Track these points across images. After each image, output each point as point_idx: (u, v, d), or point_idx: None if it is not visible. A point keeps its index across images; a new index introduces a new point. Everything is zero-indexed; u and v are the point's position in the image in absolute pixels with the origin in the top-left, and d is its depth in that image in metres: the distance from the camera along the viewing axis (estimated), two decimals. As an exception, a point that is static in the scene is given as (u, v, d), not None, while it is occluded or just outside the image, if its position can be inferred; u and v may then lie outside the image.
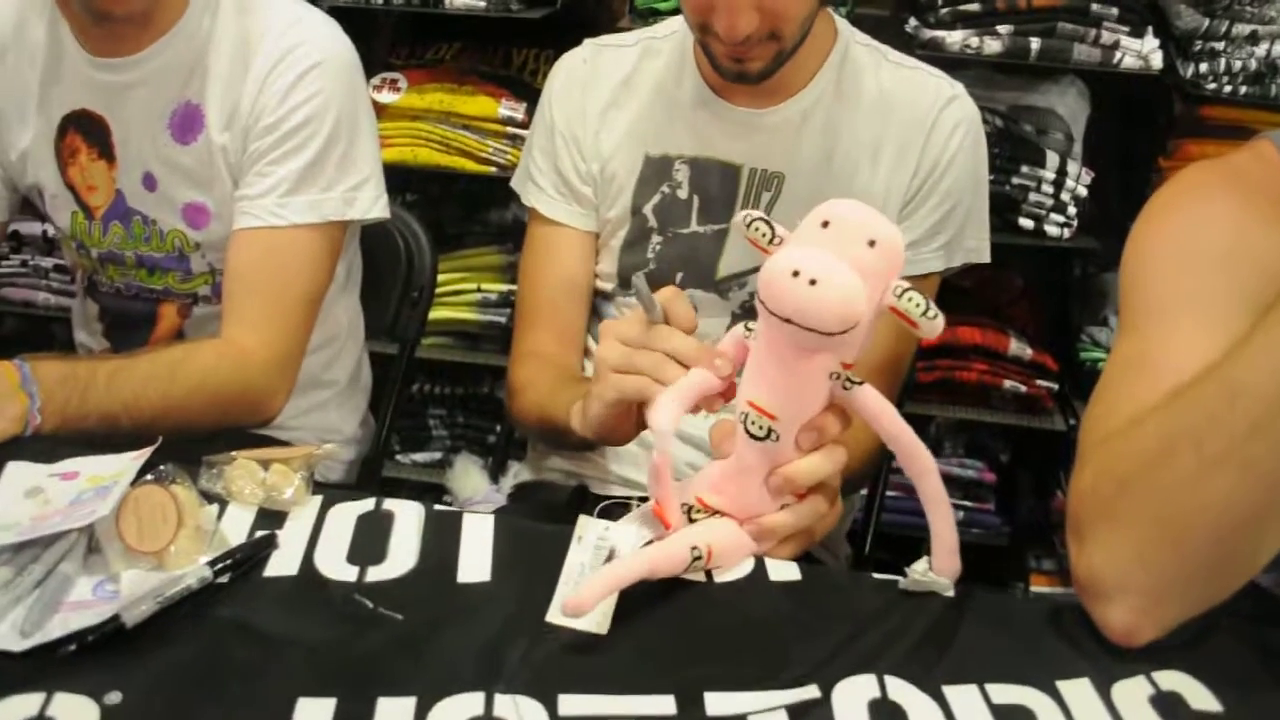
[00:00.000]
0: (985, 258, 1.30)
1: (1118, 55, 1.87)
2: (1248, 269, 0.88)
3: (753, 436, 0.84)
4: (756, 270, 1.17)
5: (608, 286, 1.32)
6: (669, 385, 0.90)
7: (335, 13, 1.35)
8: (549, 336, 1.31)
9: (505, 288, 2.20)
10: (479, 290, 2.22)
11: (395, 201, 1.41)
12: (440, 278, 1.78)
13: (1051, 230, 1.98)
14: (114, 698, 0.72)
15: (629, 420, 0.99)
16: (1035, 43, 1.87)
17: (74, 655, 0.76)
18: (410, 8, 2.05)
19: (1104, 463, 0.82)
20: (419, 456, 2.39)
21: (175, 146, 1.28)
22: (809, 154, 1.24)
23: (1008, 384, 2.08)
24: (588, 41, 1.34)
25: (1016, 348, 2.07)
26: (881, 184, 1.23)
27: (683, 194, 1.27)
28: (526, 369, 1.29)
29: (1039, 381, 2.09)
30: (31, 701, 0.71)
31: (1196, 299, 0.88)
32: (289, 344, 1.28)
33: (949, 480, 2.16)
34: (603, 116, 1.29)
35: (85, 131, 1.30)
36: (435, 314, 2.12)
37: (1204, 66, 1.87)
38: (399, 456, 2.38)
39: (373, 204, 1.32)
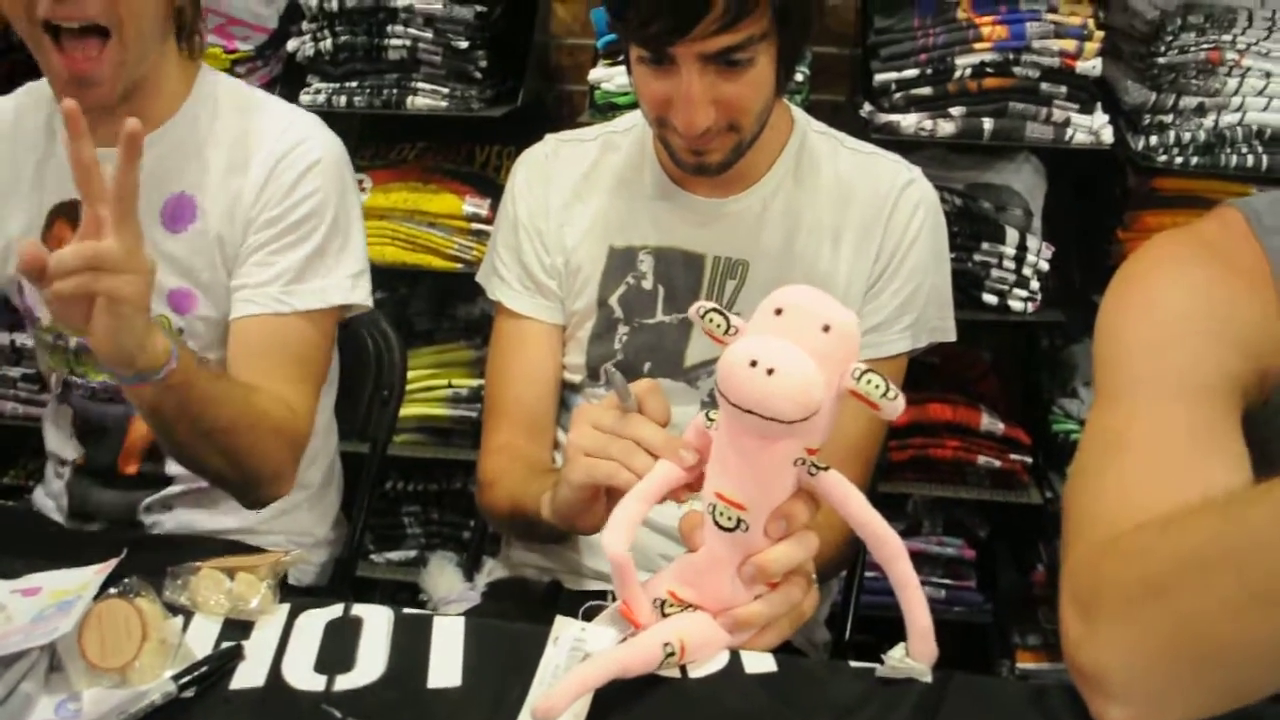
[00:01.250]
0: (951, 336, 1.32)
1: (1069, 132, 1.90)
2: (1223, 337, 0.89)
3: (722, 528, 0.84)
4: None
5: (576, 378, 1.32)
6: (638, 472, 0.90)
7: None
8: (518, 430, 1.31)
9: (475, 382, 2.19)
10: (449, 385, 2.21)
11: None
12: (410, 374, 1.78)
13: (1016, 305, 2.00)
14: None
15: (597, 507, 0.99)
16: (988, 123, 1.91)
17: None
18: (374, 110, 2.08)
19: (1128, 557, 0.79)
20: (393, 555, 2.36)
21: (165, 234, 1.28)
22: (771, 241, 1.25)
23: (982, 460, 2.08)
24: (549, 137, 1.36)
25: (988, 423, 2.07)
26: (845, 268, 1.25)
27: (648, 284, 1.28)
28: (497, 462, 1.29)
29: (1013, 456, 2.09)
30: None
31: (1173, 370, 0.88)
32: (302, 425, 1.27)
33: (929, 559, 2.20)
34: (566, 210, 1.31)
35: (74, 221, 1.28)
36: (406, 410, 2.11)
37: (1154, 139, 1.90)
38: (373, 556, 2.35)
39: (367, 293, 1.34)
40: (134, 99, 1.22)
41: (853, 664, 0.89)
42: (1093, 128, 1.90)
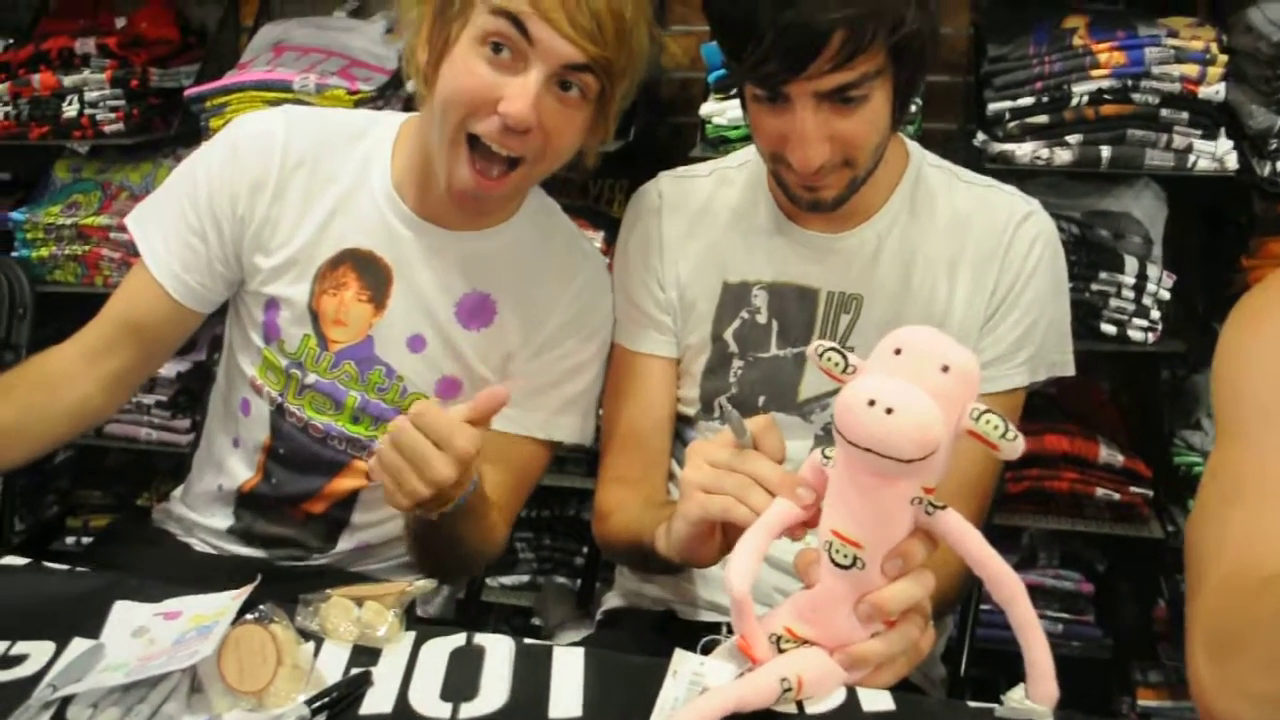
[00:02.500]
0: (1070, 370, 1.30)
1: (1191, 158, 1.86)
2: None
3: (838, 565, 0.84)
4: (839, 392, 1.19)
5: (690, 411, 1.34)
6: (754, 508, 0.91)
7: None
8: (635, 462, 1.33)
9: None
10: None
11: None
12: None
13: (1135, 335, 1.96)
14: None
15: (712, 541, 1.00)
16: (1106, 150, 1.88)
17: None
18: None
19: (1272, 607, 0.77)
20: (506, 580, 2.40)
21: (456, 326, 1.31)
22: (886, 276, 1.25)
23: (1100, 492, 2.03)
24: (662, 174, 1.38)
25: (1107, 454, 2.02)
26: (961, 302, 1.24)
27: (762, 319, 1.29)
28: (615, 493, 1.31)
29: (1132, 488, 2.03)
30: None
31: None
32: (509, 525, 1.34)
33: (1045, 592, 2.16)
34: (680, 246, 1.32)
35: (363, 270, 1.30)
36: None
37: (1280, 164, 1.85)
38: (487, 580, 2.39)
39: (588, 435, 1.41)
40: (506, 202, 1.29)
41: (971, 704, 0.88)
42: (1216, 154, 1.86)
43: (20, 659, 0.94)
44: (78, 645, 0.95)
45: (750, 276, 1.29)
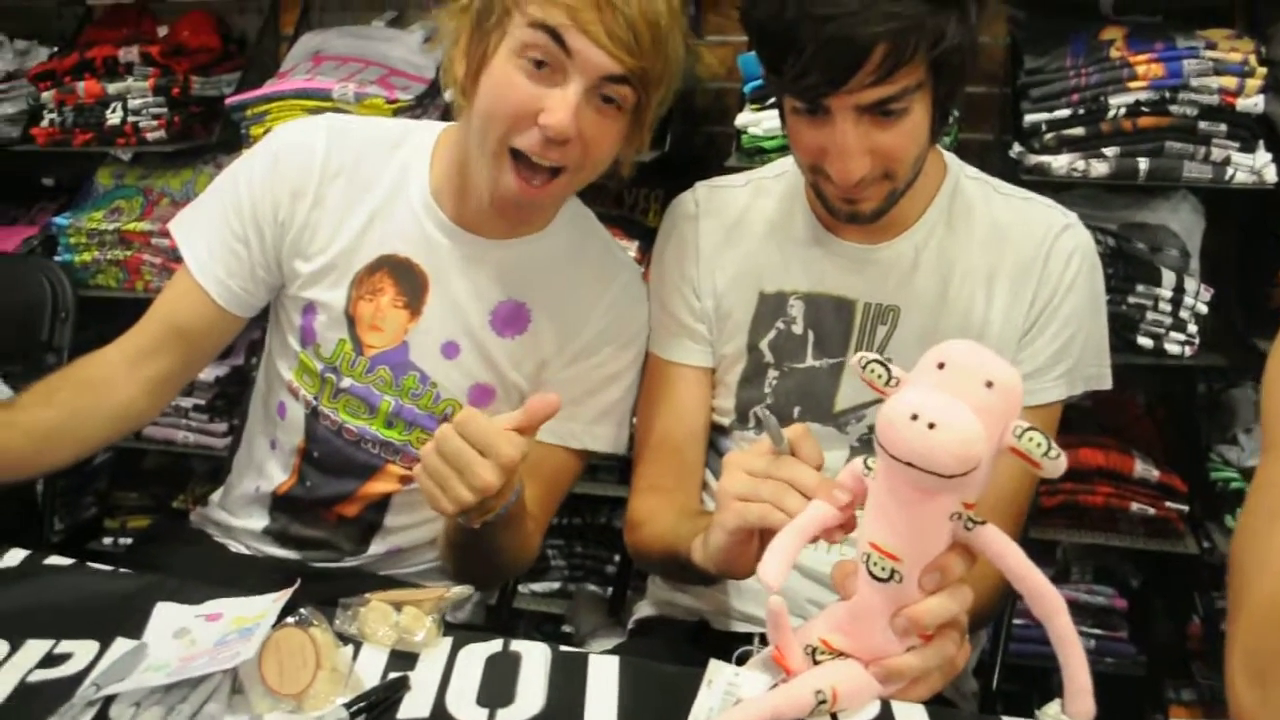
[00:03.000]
0: (1107, 384, 1.29)
1: (1229, 171, 1.85)
2: None
3: (876, 578, 0.84)
4: (874, 404, 1.21)
5: (725, 421, 1.34)
6: (791, 513, 0.91)
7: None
8: (668, 471, 1.33)
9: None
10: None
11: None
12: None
13: (1172, 349, 1.95)
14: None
15: (749, 551, 1.00)
16: (1144, 163, 1.87)
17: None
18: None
19: None
20: (537, 586, 2.41)
21: (490, 333, 1.32)
22: (924, 287, 1.26)
23: (1135, 507, 2.02)
24: (699, 184, 1.39)
25: (1142, 469, 2.01)
26: (999, 314, 1.24)
27: (798, 329, 1.29)
28: (648, 502, 1.31)
29: (1168, 504, 2.02)
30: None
31: None
32: (542, 531, 1.35)
33: (1078, 608, 2.14)
34: (716, 255, 1.33)
35: (399, 277, 1.31)
36: None
37: (1321, 177, 1.84)
38: (518, 587, 2.40)
39: (622, 445, 1.41)
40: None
41: (1005, 719, 0.88)
42: (1255, 166, 1.84)
43: (64, 658, 0.96)
44: (121, 645, 0.97)
45: (787, 287, 1.30)
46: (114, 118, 2.34)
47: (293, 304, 1.35)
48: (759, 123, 1.96)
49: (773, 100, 1.92)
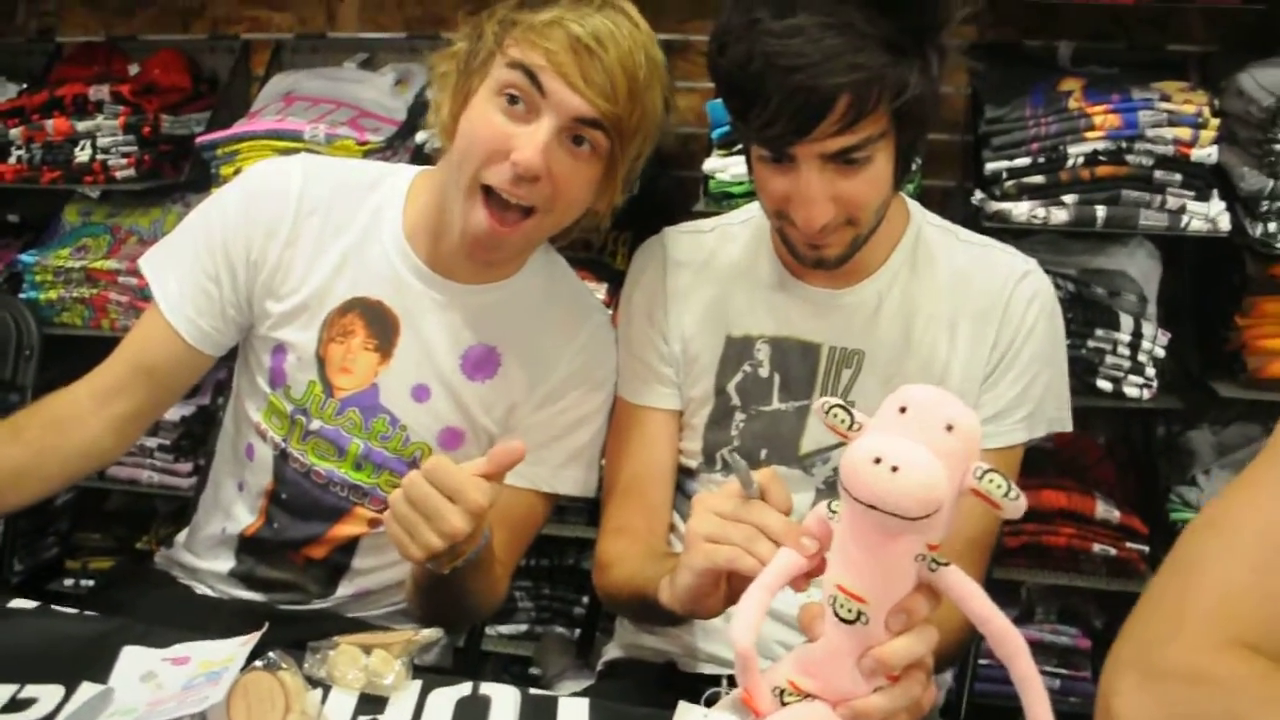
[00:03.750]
0: (1067, 427, 1.32)
1: (1185, 219, 1.89)
2: None
3: (842, 620, 0.85)
4: (839, 446, 1.22)
5: (692, 464, 1.35)
6: (761, 559, 0.92)
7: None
8: (637, 513, 1.33)
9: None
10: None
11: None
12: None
13: (1131, 391, 1.98)
14: None
15: (717, 592, 1.00)
16: (1101, 210, 1.91)
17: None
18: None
19: (1220, 691, 0.79)
20: (505, 628, 2.40)
21: (460, 377, 1.33)
22: (887, 332, 1.28)
23: (1097, 548, 2.04)
24: (666, 230, 1.41)
25: (1104, 510, 2.04)
26: (961, 358, 1.27)
27: (764, 372, 1.31)
28: (616, 545, 1.31)
29: (1129, 544, 2.05)
30: None
31: None
32: (508, 576, 1.36)
33: (1043, 647, 2.17)
34: (683, 299, 1.34)
35: (370, 320, 1.32)
36: None
37: (1272, 226, 1.88)
38: (485, 629, 2.39)
39: (587, 489, 1.41)
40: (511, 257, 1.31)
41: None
42: (1209, 215, 1.89)
43: (29, 702, 0.95)
44: (87, 690, 0.96)
45: (753, 330, 1.32)
46: (83, 155, 2.34)
47: (262, 344, 1.35)
48: (726, 168, 1.99)
49: (740, 146, 1.95)
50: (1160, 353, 1.97)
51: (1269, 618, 0.82)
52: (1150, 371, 1.98)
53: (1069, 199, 1.92)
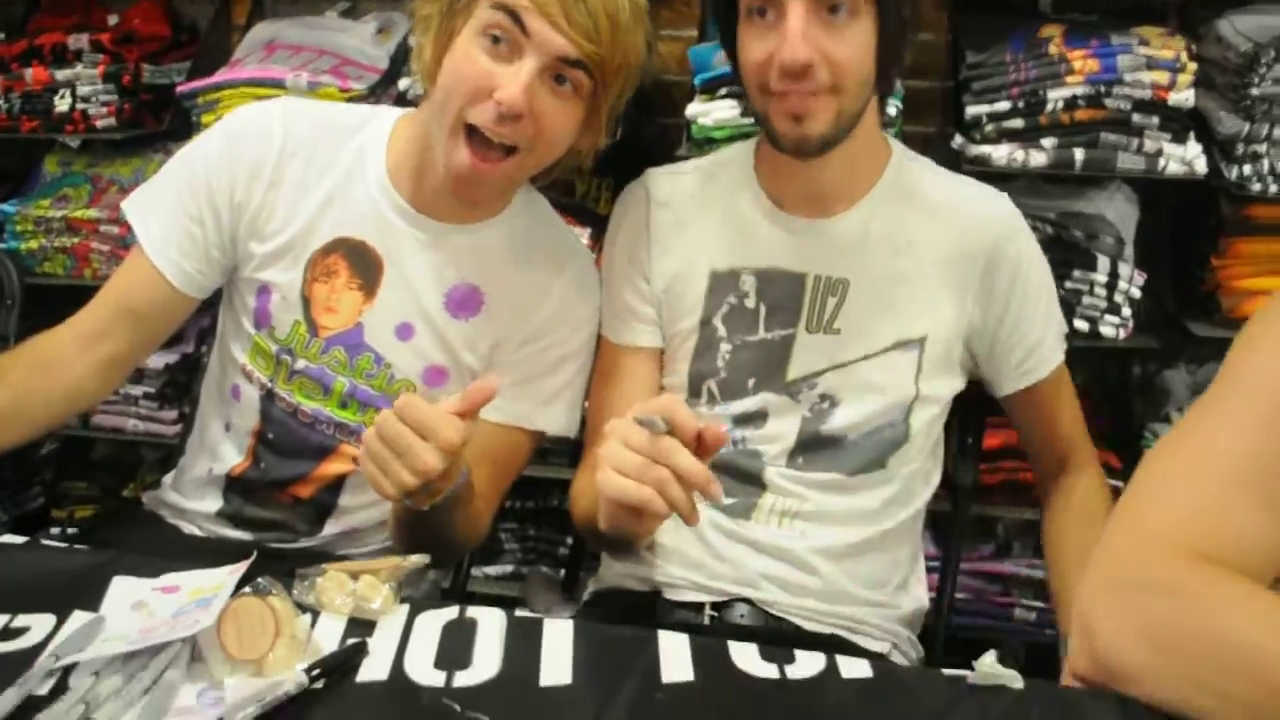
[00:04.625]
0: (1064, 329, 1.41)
1: (1162, 162, 1.91)
2: None
3: None
4: (826, 371, 1.28)
5: (678, 397, 1.34)
6: (674, 503, 0.96)
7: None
8: None
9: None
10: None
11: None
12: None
13: (1107, 331, 2.00)
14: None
15: (638, 519, 1.03)
16: (1080, 154, 1.92)
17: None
18: (478, 144, 2.15)
19: (1182, 599, 0.83)
20: (491, 570, 2.43)
21: (444, 315, 1.34)
22: (872, 260, 1.30)
23: (1076, 485, 2.07)
24: (649, 172, 1.42)
25: (1080, 449, 2.06)
26: (949, 290, 1.31)
27: (750, 303, 1.33)
28: (584, 478, 1.34)
29: (1110, 481, 2.07)
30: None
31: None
32: (492, 511, 1.38)
33: (1019, 581, 2.20)
34: (667, 239, 1.36)
35: (354, 259, 1.33)
36: None
37: (1248, 169, 1.90)
38: (472, 570, 2.40)
39: (575, 426, 1.43)
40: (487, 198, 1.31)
41: (945, 671, 0.92)
42: (1186, 158, 1.90)
43: (21, 631, 0.97)
44: (78, 618, 0.98)
45: (738, 263, 1.33)
46: (62, 105, 2.32)
47: (247, 286, 1.36)
48: (709, 113, 1.99)
49: (723, 91, 1.96)
50: (1136, 293, 1.99)
51: (1231, 532, 0.85)
52: (1126, 311, 2.00)
53: (1048, 142, 1.92)
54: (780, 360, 1.32)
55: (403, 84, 2.18)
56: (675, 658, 0.93)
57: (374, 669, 0.92)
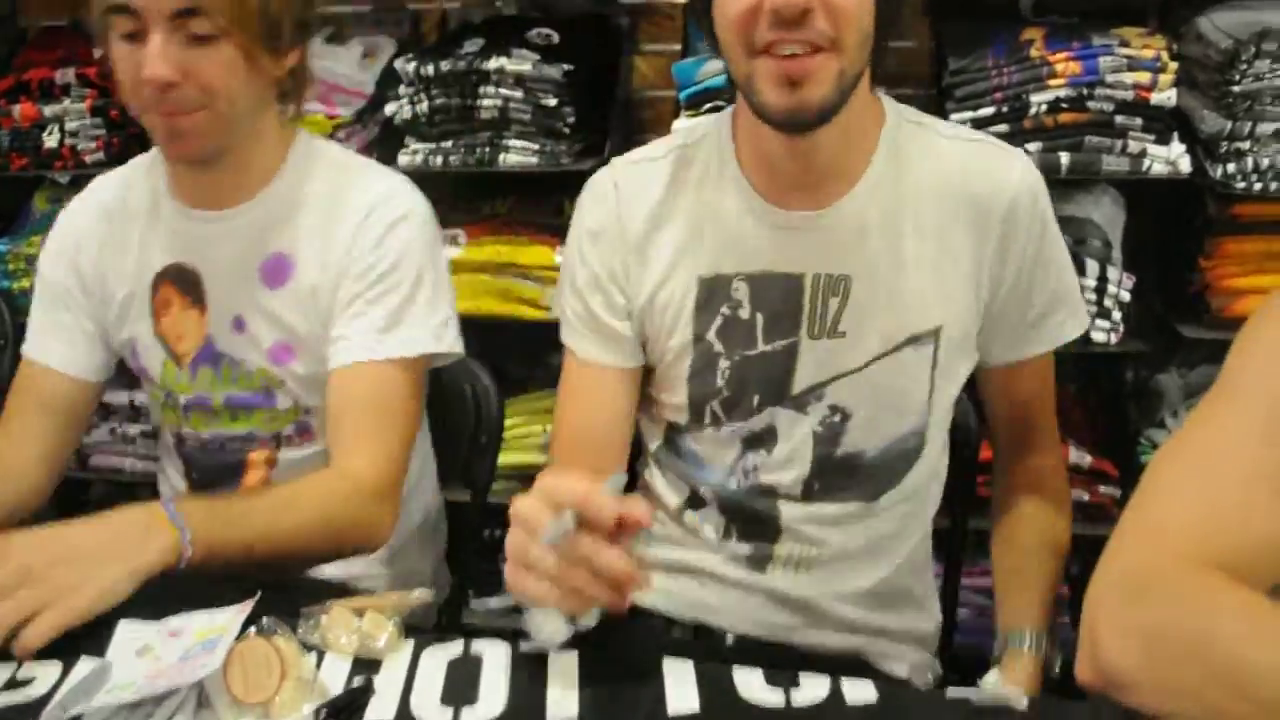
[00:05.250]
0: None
1: (1146, 163, 1.92)
2: None
3: None
4: (833, 380, 1.20)
5: (680, 420, 1.29)
6: (602, 601, 0.90)
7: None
8: (578, 467, 1.19)
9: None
10: (545, 432, 2.27)
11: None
12: (506, 422, 1.84)
13: (1098, 336, 2.01)
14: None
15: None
16: (1065, 157, 1.93)
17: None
18: (468, 168, 2.17)
19: (1195, 605, 0.82)
20: (493, 602, 2.41)
21: (265, 291, 1.37)
22: (875, 250, 1.19)
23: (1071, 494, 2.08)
24: (615, 161, 1.30)
25: (1076, 456, 2.07)
26: (961, 270, 1.19)
27: (744, 313, 1.22)
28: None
29: (1101, 489, 2.08)
30: None
31: None
32: (394, 470, 1.33)
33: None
34: (645, 243, 1.24)
35: (179, 283, 1.40)
36: (503, 458, 2.13)
37: (1232, 166, 1.91)
38: (473, 603, 2.40)
39: (455, 340, 1.41)
40: (232, 165, 1.34)
41: (950, 691, 0.92)
42: (1170, 158, 1.92)
43: (27, 681, 0.97)
44: (84, 665, 0.98)
45: (727, 268, 1.21)
46: (51, 140, 2.33)
47: (125, 352, 1.46)
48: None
49: (707, 106, 1.96)
50: (1126, 296, 2.00)
51: (1251, 531, 0.85)
52: (1117, 315, 2.01)
53: (1033, 147, 1.93)
54: (784, 373, 1.22)
55: (389, 109, 2.19)
56: (681, 687, 0.94)
57: (381, 709, 0.92)
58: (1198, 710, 0.78)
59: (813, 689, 0.93)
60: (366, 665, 0.98)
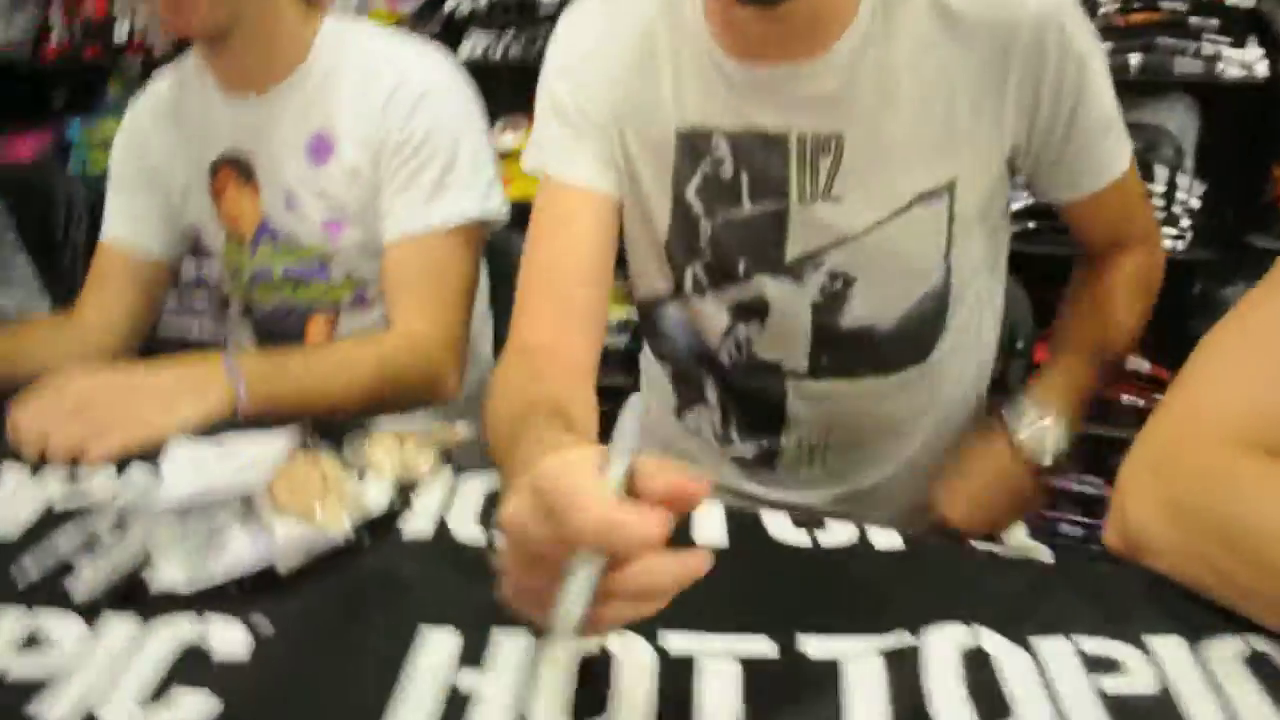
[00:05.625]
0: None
1: (1220, 66, 1.87)
2: None
3: None
4: (831, 247, 1.10)
5: (660, 287, 1.20)
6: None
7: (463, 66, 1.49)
8: (547, 322, 1.12)
9: (623, 314, 2.29)
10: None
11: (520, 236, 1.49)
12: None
13: (1164, 243, 1.97)
14: (265, 627, 0.81)
15: None
16: (1135, 58, 1.89)
17: (232, 597, 0.85)
18: (527, 61, 2.18)
19: (1226, 489, 0.81)
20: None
21: (311, 169, 1.41)
22: (869, 101, 1.05)
23: (1125, 398, 2.06)
24: None
25: (1134, 361, 2.05)
26: (973, 119, 1.05)
27: (726, 173, 1.10)
28: (505, 369, 1.09)
29: (1157, 396, 2.06)
30: (195, 629, 0.81)
31: None
32: (455, 328, 1.39)
33: (1068, 497, 2.18)
34: (626, 76, 1.12)
35: (233, 167, 1.47)
36: None
37: (1313, 72, 1.86)
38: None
39: (502, 205, 1.43)
40: (251, 44, 1.37)
41: (976, 544, 0.92)
42: (1245, 61, 1.87)
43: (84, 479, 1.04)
44: (137, 472, 1.05)
45: (710, 121, 1.10)
46: (122, 31, 2.38)
47: (191, 233, 1.56)
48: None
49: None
50: (1195, 204, 1.96)
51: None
52: (1185, 223, 1.98)
53: (1103, 47, 1.88)
54: (775, 239, 1.10)
55: (450, 3, 2.20)
56: (708, 523, 0.94)
57: (419, 526, 0.95)
58: (1217, 580, 0.78)
59: (839, 533, 0.93)
60: (407, 488, 1.01)
